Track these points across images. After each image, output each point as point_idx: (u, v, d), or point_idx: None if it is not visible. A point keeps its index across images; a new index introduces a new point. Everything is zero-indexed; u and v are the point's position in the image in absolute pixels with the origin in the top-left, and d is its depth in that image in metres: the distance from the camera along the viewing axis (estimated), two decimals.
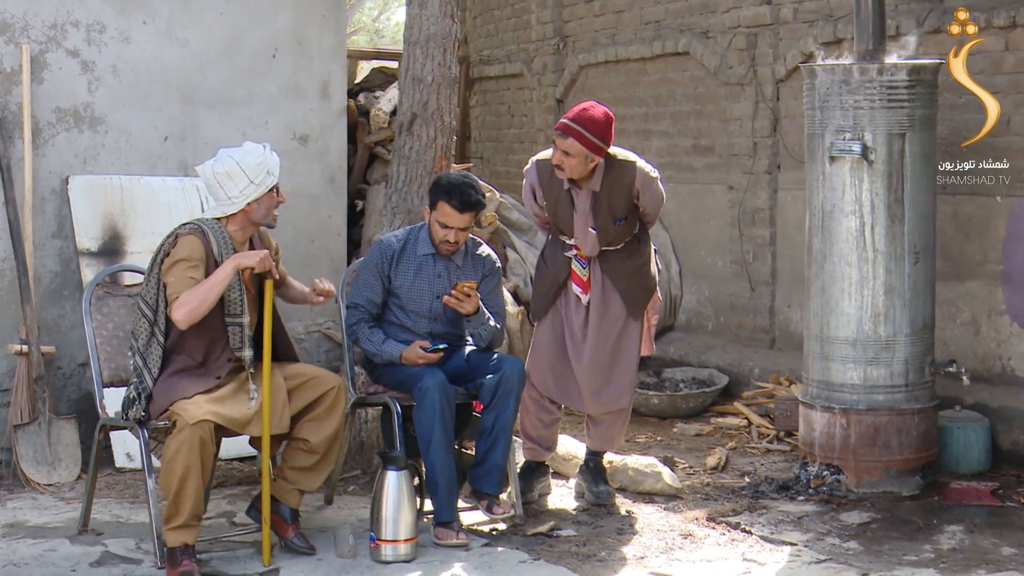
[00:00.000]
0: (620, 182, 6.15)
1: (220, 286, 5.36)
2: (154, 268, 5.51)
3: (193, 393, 5.38)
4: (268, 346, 5.49)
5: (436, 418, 5.71)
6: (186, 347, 5.50)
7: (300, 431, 5.61)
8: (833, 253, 6.54)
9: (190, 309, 5.31)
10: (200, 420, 5.23)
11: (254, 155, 5.53)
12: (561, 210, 6.22)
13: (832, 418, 6.55)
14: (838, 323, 6.55)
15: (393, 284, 6.05)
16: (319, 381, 5.65)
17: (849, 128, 6.39)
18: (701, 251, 9.43)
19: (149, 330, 5.49)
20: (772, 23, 8.60)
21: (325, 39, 8.19)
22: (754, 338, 8.88)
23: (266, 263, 5.45)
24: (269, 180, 5.53)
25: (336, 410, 5.63)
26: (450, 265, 6.07)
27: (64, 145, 7.40)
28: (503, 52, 12.10)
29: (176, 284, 5.35)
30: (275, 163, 5.58)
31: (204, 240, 5.47)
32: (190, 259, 5.39)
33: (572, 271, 6.27)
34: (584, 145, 5.99)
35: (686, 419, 8.31)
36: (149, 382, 5.45)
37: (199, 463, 5.23)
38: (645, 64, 9.87)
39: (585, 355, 6.27)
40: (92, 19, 7.47)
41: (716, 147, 9.23)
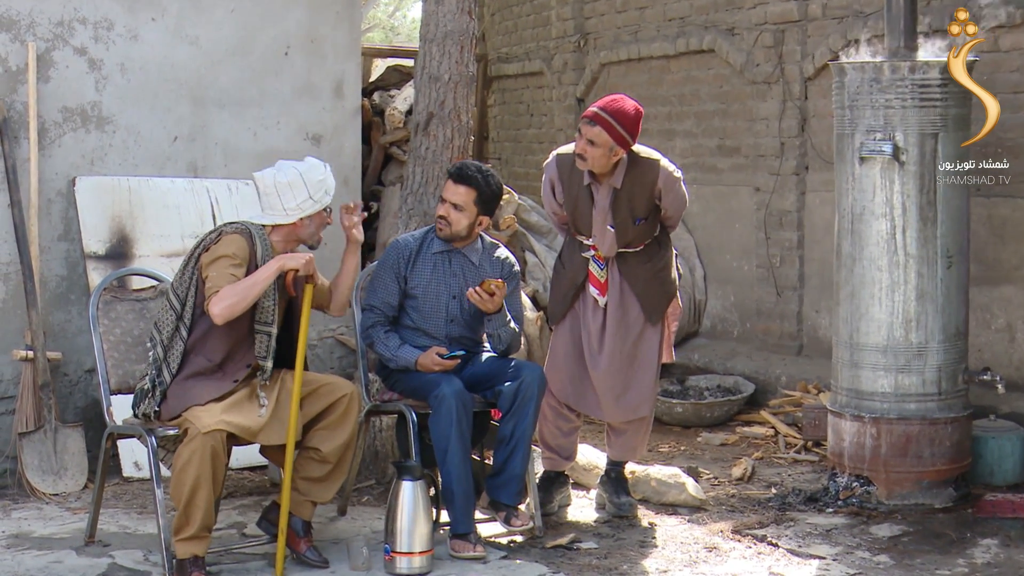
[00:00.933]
0: (642, 181, 6.15)
1: (262, 284, 5.41)
2: (190, 261, 5.54)
3: (207, 400, 5.40)
4: (302, 351, 5.54)
5: (452, 427, 5.71)
6: (207, 348, 5.52)
7: (311, 440, 5.62)
8: (863, 257, 6.52)
9: (230, 304, 5.34)
10: (213, 429, 5.25)
11: (317, 172, 5.64)
12: (580, 207, 6.21)
13: (862, 427, 6.54)
14: (868, 329, 6.53)
15: (409, 284, 6.05)
16: (331, 388, 5.65)
17: (880, 128, 6.38)
18: (726, 255, 9.42)
19: (174, 324, 5.52)
20: (800, 19, 8.59)
21: (339, 37, 8.20)
22: (781, 345, 8.86)
23: (311, 266, 5.52)
24: (325, 199, 5.63)
25: (348, 418, 5.63)
26: (466, 264, 6.07)
27: (71, 146, 7.42)
28: (522, 50, 12.11)
29: (217, 279, 5.38)
30: (333, 184, 5.69)
31: (250, 242, 5.51)
32: (234, 257, 5.44)
33: (590, 272, 6.26)
34: (611, 136, 5.99)
35: (711, 428, 8.29)
36: (167, 376, 5.48)
37: (210, 473, 5.24)
38: (669, 62, 9.87)
39: (602, 361, 6.26)
40: (100, 16, 7.49)
41: (742, 148, 9.22)
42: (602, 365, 6.26)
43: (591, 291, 6.27)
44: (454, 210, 5.95)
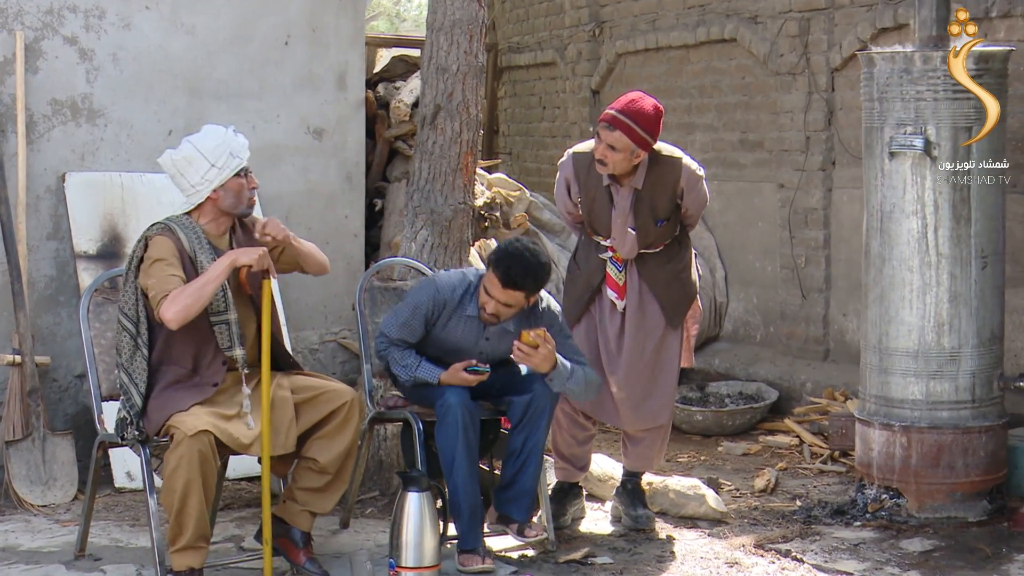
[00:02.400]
0: (664, 180, 6.15)
1: (214, 283, 5.35)
2: (129, 276, 5.51)
3: (190, 404, 5.38)
4: (267, 353, 5.47)
5: (458, 438, 5.70)
6: (174, 356, 5.50)
7: (309, 449, 5.60)
8: (893, 257, 6.52)
9: (184, 306, 5.29)
10: (198, 431, 5.23)
11: (212, 136, 5.55)
12: (598, 208, 6.21)
13: (891, 437, 6.53)
14: (898, 333, 6.53)
15: (435, 336, 5.92)
16: (330, 395, 5.63)
17: (910, 121, 6.37)
18: (749, 255, 9.41)
19: (132, 343, 5.48)
20: (827, 7, 8.59)
21: (342, 25, 8.21)
22: (806, 349, 8.85)
23: (264, 261, 5.43)
24: (233, 162, 5.51)
25: (349, 427, 5.61)
26: (500, 331, 5.91)
27: (60, 140, 7.44)
28: (534, 39, 12.12)
29: (159, 284, 5.33)
30: (240, 144, 5.56)
31: (174, 238, 5.46)
32: (165, 259, 5.40)
33: (607, 274, 6.27)
34: (632, 139, 5.99)
35: (732, 437, 8.29)
36: (137, 400, 5.45)
37: (200, 477, 5.23)
38: (688, 52, 9.87)
39: (621, 367, 6.27)
40: (91, 4, 7.50)
41: (765, 142, 9.22)
42: (621, 371, 6.26)
43: (609, 294, 6.27)
44: (502, 307, 5.80)
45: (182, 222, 5.53)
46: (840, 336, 8.67)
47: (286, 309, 7.55)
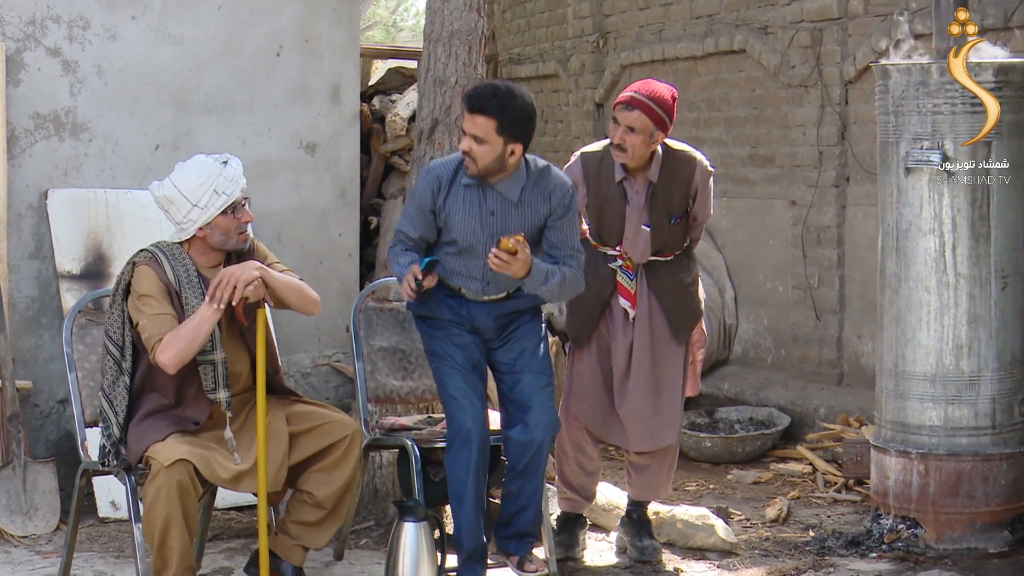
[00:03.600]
0: (679, 174, 6.20)
1: (209, 323, 5.31)
2: (116, 300, 5.48)
3: (167, 434, 5.34)
4: (262, 387, 5.45)
5: (470, 473, 5.63)
6: (157, 384, 5.47)
7: (305, 483, 5.57)
8: (909, 277, 6.52)
9: (179, 351, 5.27)
10: (175, 461, 5.20)
11: (193, 174, 5.42)
12: (609, 208, 6.20)
13: (908, 464, 6.52)
14: (915, 356, 6.52)
15: (441, 219, 5.70)
16: (331, 427, 5.59)
17: (927, 136, 6.38)
18: (759, 275, 9.41)
19: (116, 368, 5.47)
20: (840, 17, 8.60)
21: (336, 36, 8.23)
22: (819, 373, 8.85)
23: (259, 291, 5.40)
24: (218, 200, 5.40)
25: (348, 461, 5.58)
26: (502, 202, 5.70)
27: (43, 155, 7.45)
28: (535, 50, 12.14)
29: (151, 326, 5.30)
30: (228, 179, 5.42)
31: (159, 270, 5.41)
32: (152, 294, 5.35)
33: (618, 283, 6.25)
34: (651, 119, 6.03)
35: (742, 465, 8.28)
36: (115, 429, 5.42)
37: (179, 509, 5.19)
38: (696, 63, 9.88)
39: (631, 381, 6.24)
40: (75, 14, 7.52)
41: (776, 157, 9.22)
42: (630, 385, 6.25)
43: (621, 303, 6.25)
44: (476, 144, 5.60)
45: (172, 251, 5.48)
46: (854, 359, 8.67)
47: (277, 332, 7.53)
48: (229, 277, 5.33)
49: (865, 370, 8.40)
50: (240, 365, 5.56)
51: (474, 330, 5.75)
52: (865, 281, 8.36)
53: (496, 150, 5.57)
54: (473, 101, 5.57)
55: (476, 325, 5.74)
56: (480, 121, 5.54)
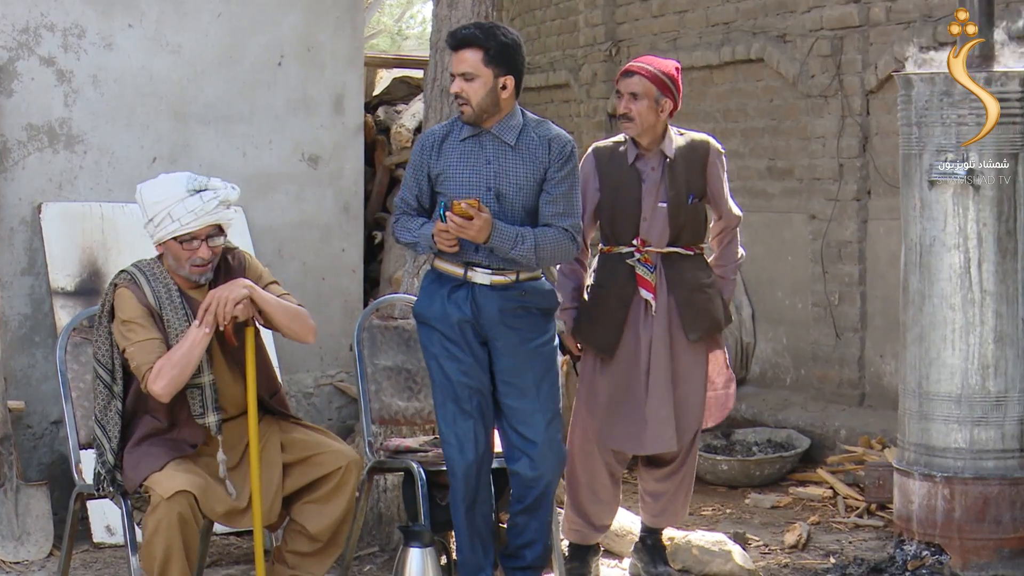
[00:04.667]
0: (695, 154, 6.29)
1: (200, 346, 5.28)
2: (102, 322, 5.44)
3: (164, 462, 5.31)
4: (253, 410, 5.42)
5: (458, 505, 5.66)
6: (150, 406, 5.43)
7: (298, 514, 5.51)
8: (933, 294, 6.52)
9: (171, 379, 5.24)
10: (176, 492, 5.18)
11: (158, 190, 5.37)
12: (624, 194, 6.20)
13: (933, 488, 6.52)
14: (939, 376, 6.52)
15: (434, 177, 5.67)
16: (325, 457, 5.52)
17: (951, 148, 6.38)
18: (778, 292, 9.41)
19: (107, 393, 5.44)
20: (861, 25, 8.62)
21: (339, 44, 8.25)
22: (840, 393, 8.84)
23: (248, 310, 5.36)
24: (170, 226, 5.31)
25: (342, 494, 5.50)
26: (499, 146, 5.65)
27: (36, 168, 7.46)
28: (546, 59, 12.16)
29: (140, 354, 5.28)
30: (188, 209, 5.30)
31: (138, 292, 5.37)
32: (136, 319, 5.32)
33: (638, 276, 6.25)
34: (654, 83, 6.12)
35: (760, 488, 8.28)
36: (109, 456, 5.40)
37: (180, 542, 5.16)
38: (712, 73, 9.89)
39: (651, 378, 6.22)
40: (70, 22, 7.54)
41: (795, 169, 9.23)
42: (651, 382, 6.22)
43: (643, 294, 6.24)
44: (465, 82, 5.57)
45: (151, 271, 5.43)
46: (876, 379, 8.66)
47: (278, 349, 7.56)
48: (216, 299, 5.29)
49: (887, 390, 8.39)
50: (235, 387, 5.51)
51: (483, 341, 5.72)
52: (887, 298, 8.36)
53: (487, 83, 5.57)
54: (456, 37, 5.58)
55: (482, 323, 5.64)
56: (466, 56, 5.55)
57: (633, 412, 6.25)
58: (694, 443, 6.44)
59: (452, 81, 5.61)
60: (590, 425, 6.30)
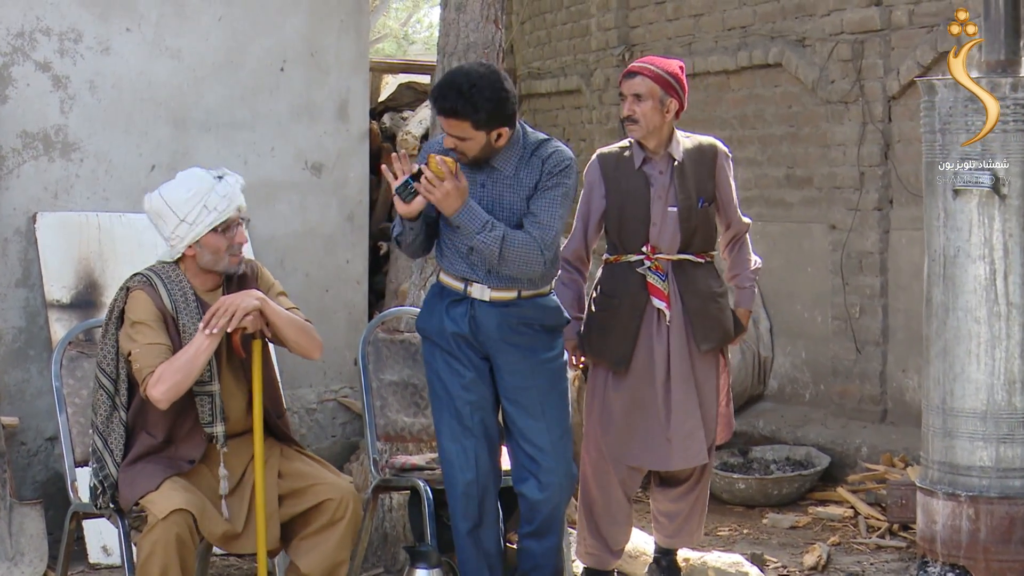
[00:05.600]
0: (702, 155, 6.31)
1: (206, 353, 5.27)
2: (109, 329, 5.43)
3: (160, 481, 5.28)
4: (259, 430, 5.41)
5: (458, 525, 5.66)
6: (148, 422, 5.41)
7: (293, 550, 5.46)
8: (957, 307, 6.50)
9: (173, 384, 5.22)
10: (171, 512, 5.17)
11: (185, 186, 5.39)
12: (632, 200, 6.19)
13: (957, 508, 6.50)
14: (964, 392, 6.51)
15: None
16: (320, 489, 5.45)
17: (976, 155, 6.37)
18: (796, 304, 9.40)
19: (110, 404, 5.41)
20: (882, 28, 8.61)
21: (343, 49, 8.26)
22: (861, 410, 8.83)
23: (258, 322, 5.36)
24: (208, 217, 5.34)
25: (336, 530, 5.41)
26: (497, 174, 5.65)
27: (31, 176, 7.47)
28: (557, 64, 12.16)
29: (144, 357, 5.26)
30: (222, 195, 5.36)
31: (154, 295, 5.36)
32: (146, 321, 5.30)
33: (649, 285, 6.23)
34: (657, 83, 6.16)
35: (778, 508, 8.27)
36: (112, 469, 5.38)
37: (177, 563, 5.13)
38: (729, 78, 9.89)
39: (672, 392, 6.20)
40: (66, 26, 7.56)
41: (815, 178, 9.23)
42: (673, 396, 6.20)
43: (656, 304, 6.22)
44: (460, 142, 5.58)
45: (167, 273, 5.43)
46: (899, 395, 8.65)
47: (280, 363, 7.54)
48: (227, 305, 5.30)
49: (910, 407, 8.38)
50: (236, 403, 5.49)
51: (484, 356, 5.70)
52: (910, 311, 8.35)
53: (481, 142, 5.55)
54: (441, 106, 5.53)
55: (480, 339, 5.64)
56: (455, 124, 5.52)
57: (652, 427, 6.23)
58: (709, 460, 6.43)
59: (445, 134, 5.58)
60: (605, 443, 6.27)
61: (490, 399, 5.70)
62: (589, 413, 6.38)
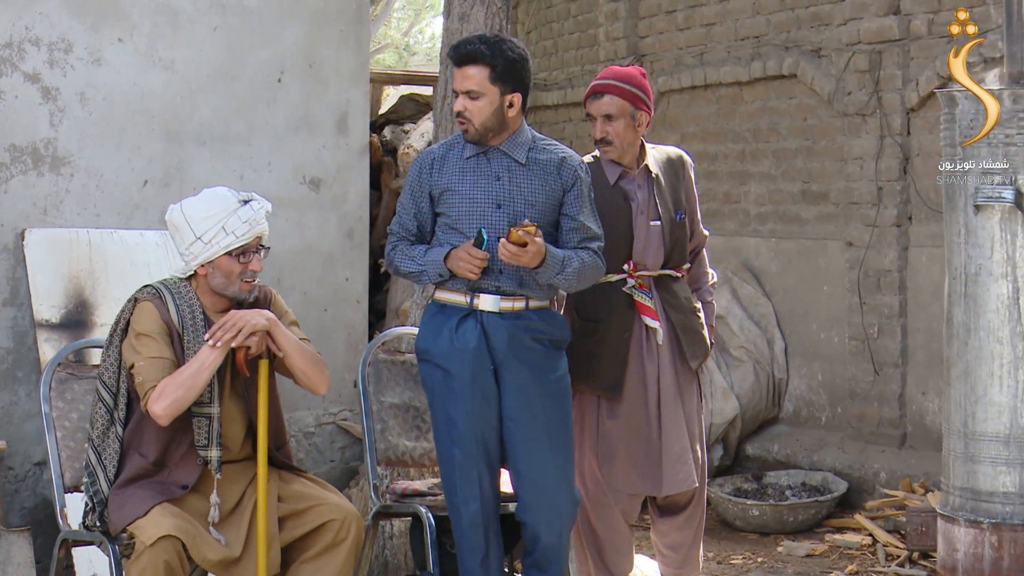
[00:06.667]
0: (671, 167, 6.35)
1: (209, 369, 5.28)
2: (114, 340, 5.45)
3: (149, 507, 5.27)
4: (263, 452, 5.42)
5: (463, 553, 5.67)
6: (143, 441, 5.42)
7: (293, 574, 5.46)
8: (979, 327, 6.51)
9: (175, 399, 5.23)
10: (160, 538, 5.16)
11: (205, 205, 5.41)
12: (611, 217, 6.12)
13: (980, 535, 6.50)
14: (986, 415, 6.51)
15: (435, 196, 5.68)
16: (322, 510, 5.48)
17: (999, 170, 6.38)
18: (812, 324, 9.40)
19: (108, 418, 5.43)
20: (901, 38, 8.62)
21: (343, 60, 8.27)
22: (880, 433, 8.83)
23: (262, 343, 5.38)
24: (224, 240, 5.37)
25: (339, 553, 5.43)
26: (509, 164, 5.66)
27: (20, 191, 7.48)
28: (564, 75, 12.17)
29: (147, 370, 5.27)
30: (242, 219, 5.40)
31: (162, 308, 5.38)
32: (152, 334, 5.32)
33: (637, 303, 6.23)
34: (625, 99, 6.14)
35: (794, 535, 8.26)
36: (104, 485, 5.39)
37: None
38: (741, 90, 9.90)
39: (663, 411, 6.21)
40: (56, 36, 7.57)
41: (831, 193, 9.23)
42: (663, 416, 6.20)
43: (647, 322, 6.22)
44: (470, 100, 5.60)
45: (177, 288, 5.45)
46: (919, 418, 8.65)
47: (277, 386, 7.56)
48: (235, 319, 5.32)
49: (930, 430, 8.38)
50: (235, 429, 5.50)
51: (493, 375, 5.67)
52: (930, 331, 8.35)
53: (493, 102, 5.59)
54: (461, 52, 5.58)
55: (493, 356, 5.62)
56: (471, 72, 5.57)
57: (648, 451, 6.23)
58: (701, 482, 6.42)
59: (455, 98, 5.62)
60: (605, 473, 6.24)
61: (495, 424, 5.68)
62: (580, 444, 6.25)
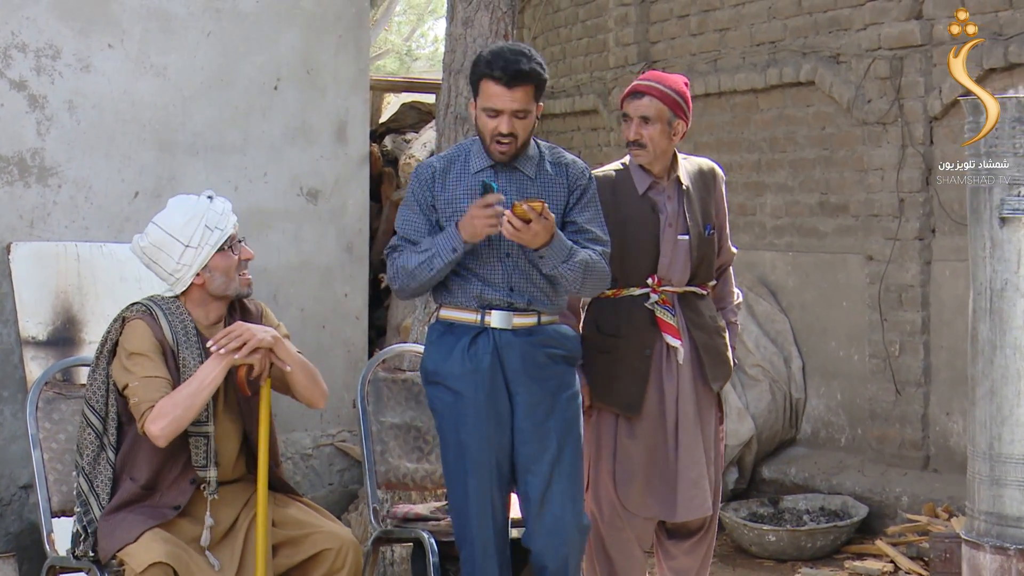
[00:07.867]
0: (703, 179, 6.34)
1: (209, 388, 5.29)
2: (100, 362, 5.45)
3: (139, 533, 5.27)
4: (264, 466, 5.43)
5: None
6: (136, 465, 5.42)
7: None
8: (1006, 344, 6.50)
9: (174, 419, 5.23)
10: (150, 565, 5.15)
11: (180, 211, 5.44)
12: (637, 228, 6.13)
13: (1006, 562, 6.49)
14: (1013, 436, 6.50)
15: (439, 211, 5.66)
16: (317, 538, 5.48)
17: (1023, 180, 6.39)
18: (831, 341, 9.40)
19: (97, 443, 5.42)
20: (923, 44, 8.63)
21: (342, 66, 8.28)
22: (901, 456, 8.82)
23: (264, 361, 5.39)
24: (212, 236, 5.40)
25: None
26: (520, 179, 5.69)
27: (5, 203, 7.49)
28: (572, 82, 12.19)
29: (142, 390, 5.27)
30: (217, 212, 5.43)
31: (154, 326, 5.39)
32: (145, 353, 5.33)
33: (659, 320, 6.21)
34: (665, 103, 6.16)
35: (812, 562, 8.26)
36: (97, 513, 5.39)
37: None
38: (757, 97, 9.91)
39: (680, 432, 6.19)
40: (43, 42, 7.59)
41: (850, 205, 9.23)
42: (681, 438, 6.19)
43: (669, 341, 6.20)
44: (518, 119, 5.61)
45: (168, 306, 5.45)
46: (942, 440, 8.64)
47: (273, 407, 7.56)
48: (242, 330, 5.34)
49: (954, 452, 8.37)
50: (229, 448, 5.52)
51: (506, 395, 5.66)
52: (954, 349, 8.35)
53: (533, 119, 5.65)
54: (514, 71, 5.56)
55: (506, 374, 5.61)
56: (521, 93, 5.59)
57: (664, 474, 6.22)
58: (714, 509, 6.42)
59: (496, 117, 5.57)
60: (623, 495, 6.23)
61: (507, 448, 5.67)
62: (596, 465, 6.28)
